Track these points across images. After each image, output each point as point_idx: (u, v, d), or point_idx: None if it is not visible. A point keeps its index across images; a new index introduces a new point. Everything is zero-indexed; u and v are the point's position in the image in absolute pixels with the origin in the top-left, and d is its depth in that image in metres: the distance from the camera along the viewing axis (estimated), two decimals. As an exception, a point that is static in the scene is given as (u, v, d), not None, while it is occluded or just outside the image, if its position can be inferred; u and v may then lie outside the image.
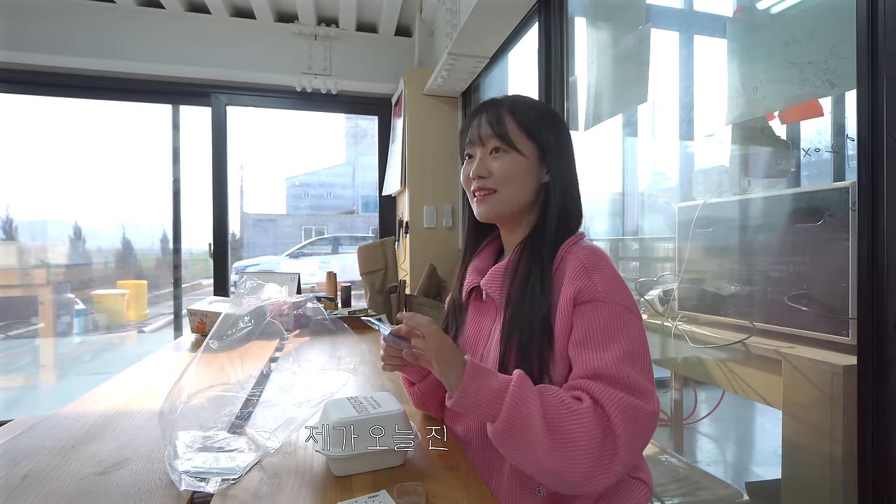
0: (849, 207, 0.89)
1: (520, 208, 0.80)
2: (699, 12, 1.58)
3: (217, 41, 2.61)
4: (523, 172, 0.77)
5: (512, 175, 0.77)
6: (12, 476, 0.69)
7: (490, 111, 0.79)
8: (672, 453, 1.37)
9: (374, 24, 2.80)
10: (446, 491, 0.64)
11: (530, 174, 0.78)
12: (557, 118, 0.82)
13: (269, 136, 25.08)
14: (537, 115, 0.79)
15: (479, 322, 0.84)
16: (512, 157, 0.77)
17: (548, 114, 0.81)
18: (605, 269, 0.69)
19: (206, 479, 0.65)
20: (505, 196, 0.78)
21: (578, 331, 0.67)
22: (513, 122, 0.78)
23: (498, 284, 0.77)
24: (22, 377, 4.04)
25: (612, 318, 0.66)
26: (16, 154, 5.85)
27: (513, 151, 0.77)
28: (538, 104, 0.82)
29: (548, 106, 0.84)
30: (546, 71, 1.70)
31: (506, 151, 0.77)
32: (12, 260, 4.52)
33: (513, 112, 0.78)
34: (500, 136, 0.77)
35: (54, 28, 2.40)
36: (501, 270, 0.78)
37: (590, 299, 0.67)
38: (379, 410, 0.73)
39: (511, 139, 0.77)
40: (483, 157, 0.79)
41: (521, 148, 0.77)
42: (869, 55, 0.76)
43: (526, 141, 0.78)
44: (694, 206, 1.29)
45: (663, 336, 1.38)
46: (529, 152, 0.78)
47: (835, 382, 0.88)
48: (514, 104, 0.79)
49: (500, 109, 0.79)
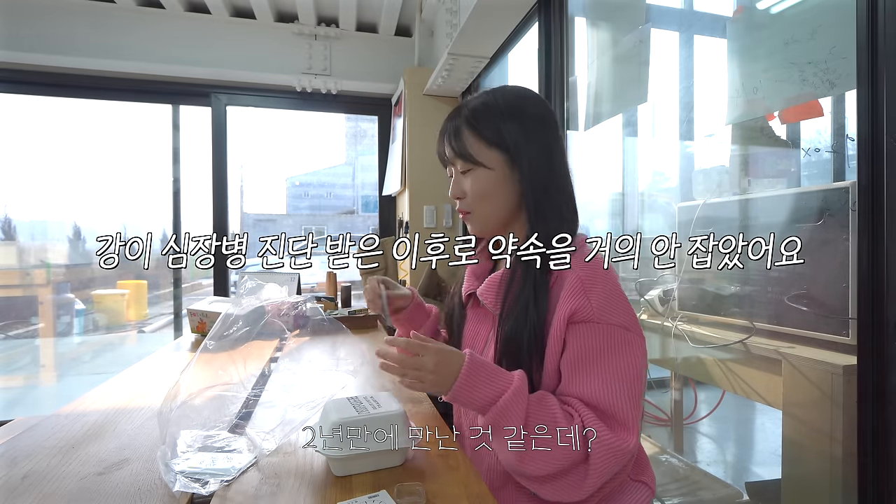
0: (849, 207, 0.89)
1: (504, 221, 0.77)
2: (699, 12, 1.58)
3: (217, 41, 2.61)
4: (494, 186, 0.73)
5: (484, 193, 0.74)
6: (12, 476, 0.69)
7: (451, 125, 0.76)
8: (672, 453, 1.37)
9: (374, 24, 2.80)
10: (446, 491, 0.64)
11: (503, 185, 0.73)
12: (522, 102, 0.75)
13: (269, 136, 25.10)
14: (496, 113, 0.73)
15: (477, 327, 0.83)
16: (478, 173, 0.73)
17: (511, 105, 0.74)
18: (604, 287, 0.67)
19: (200, 479, 0.65)
20: (483, 215, 0.76)
21: (571, 351, 0.67)
22: (471, 135, 0.73)
23: (493, 295, 0.75)
24: (22, 377, 4.04)
25: (605, 341, 0.65)
26: (16, 154, 5.85)
27: (478, 167, 0.73)
28: (500, 97, 0.75)
29: (514, 92, 0.77)
30: (546, 71, 1.70)
31: (471, 168, 0.74)
32: (12, 260, 4.52)
33: (470, 122, 0.74)
34: (461, 155, 0.73)
35: (54, 28, 2.39)
36: (497, 280, 0.76)
37: (585, 319, 0.65)
38: (379, 410, 0.73)
39: (472, 156, 0.73)
40: (456, 177, 0.77)
41: (485, 161, 0.73)
42: (869, 55, 0.76)
43: (488, 151, 0.73)
44: (694, 206, 1.29)
45: (663, 336, 1.38)
46: (495, 162, 0.73)
47: (835, 382, 0.88)
48: (472, 112, 0.74)
49: (458, 122, 0.75)
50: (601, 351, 0.65)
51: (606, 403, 0.63)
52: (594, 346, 0.65)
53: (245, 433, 0.78)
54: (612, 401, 0.63)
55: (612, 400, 0.63)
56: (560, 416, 0.63)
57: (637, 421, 0.65)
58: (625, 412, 0.63)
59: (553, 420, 0.63)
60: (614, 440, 0.62)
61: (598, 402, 0.63)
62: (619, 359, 0.65)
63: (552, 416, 0.63)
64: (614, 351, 0.65)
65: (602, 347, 0.65)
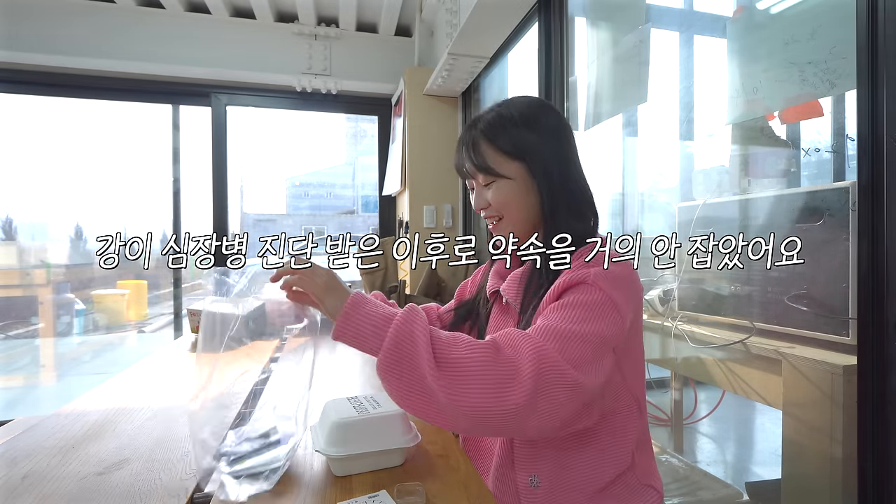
0: (849, 207, 0.89)
1: (531, 224, 0.78)
2: (699, 12, 1.58)
3: (217, 41, 2.61)
4: (517, 195, 0.75)
5: (508, 202, 0.76)
6: (12, 476, 0.70)
7: (468, 139, 0.77)
8: (672, 453, 1.37)
9: (374, 24, 2.80)
10: (446, 491, 0.64)
11: (525, 193, 0.75)
12: (535, 112, 0.77)
13: (269, 136, 25.07)
14: (511, 125, 0.75)
15: (499, 324, 0.83)
16: (501, 184, 0.75)
17: (524, 115, 0.76)
18: (613, 270, 0.66)
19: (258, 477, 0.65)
20: (511, 221, 0.77)
21: (549, 301, 0.66)
22: (489, 148, 0.75)
23: (514, 290, 0.77)
24: (22, 377, 4.04)
25: (592, 300, 0.62)
26: (16, 154, 5.84)
27: (500, 179, 0.75)
28: (513, 108, 0.77)
29: (526, 102, 0.79)
30: (546, 71, 1.70)
31: (493, 181, 0.76)
32: (12, 260, 4.52)
33: (487, 136, 0.75)
34: (482, 168, 0.75)
35: (54, 28, 2.39)
36: (518, 276, 0.77)
37: (578, 282, 0.64)
38: (379, 410, 0.73)
39: (492, 168, 0.75)
40: (478, 189, 0.79)
41: (505, 173, 0.75)
42: (869, 55, 0.76)
43: (507, 162, 0.75)
44: (694, 206, 1.29)
45: (663, 336, 1.38)
46: (515, 172, 0.75)
47: (835, 382, 0.88)
48: (487, 125, 0.76)
49: (476, 136, 0.76)
50: (584, 304, 0.62)
51: (565, 341, 0.58)
52: (579, 300, 0.62)
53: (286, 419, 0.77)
54: (575, 344, 0.58)
55: (576, 344, 0.58)
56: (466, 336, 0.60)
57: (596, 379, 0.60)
58: (583, 355, 0.58)
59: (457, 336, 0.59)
60: (560, 361, 0.56)
61: (556, 334, 0.59)
62: (600, 321, 0.61)
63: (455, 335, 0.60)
64: (598, 312, 0.61)
65: (586, 302, 0.62)
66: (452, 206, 2.60)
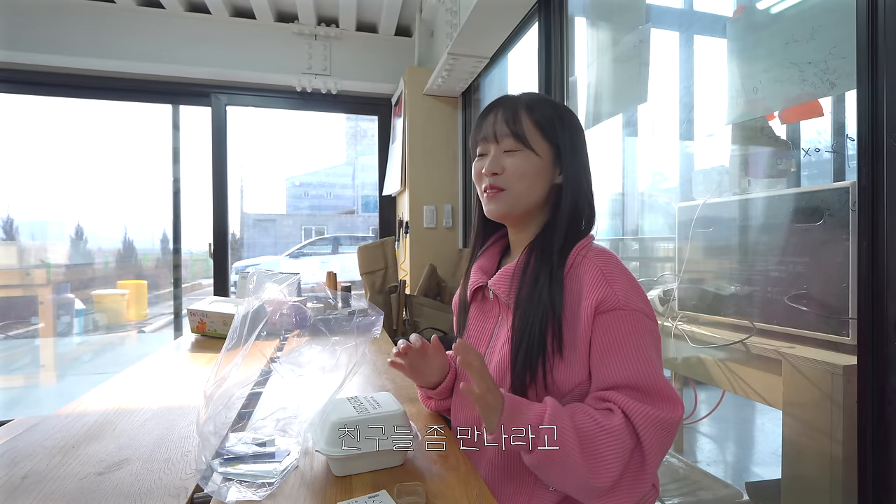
0: (849, 207, 0.89)
1: (530, 208, 0.79)
2: (699, 12, 1.58)
3: (217, 41, 2.61)
4: (536, 172, 0.76)
5: (524, 174, 0.76)
6: (12, 476, 0.69)
7: (506, 107, 0.77)
8: (672, 453, 1.37)
9: (374, 24, 2.80)
10: (446, 491, 0.64)
11: (543, 174, 0.77)
12: (573, 118, 0.81)
13: (269, 136, 25.05)
14: (554, 113, 0.78)
15: (481, 323, 0.83)
16: (526, 155, 0.76)
17: (565, 113, 0.79)
18: (623, 275, 0.70)
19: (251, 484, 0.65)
20: (516, 194, 0.77)
21: (601, 340, 0.68)
22: (529, 120, 0.76)
23: (506, 285, 0.76)
24: (22, 377, 4.04)
25: (635, 327, 0.67)
26: (16, 154, 5.85)
27: (527, 150, 0.76)
28: (555, 103, 0.81)
29: (564, 105, 0.84)
30: (546, 71, 1.70)
31: (520, 149, 0.76)
32: (12, 260, 4.51)
33: (530, 109, 0.77)
34: (516, 133, 0.76)
35: (54, 28, 2.40)
36: (510, 271, 0.77)
37: (612, 308, 0.67)
38: (379, 410, 0.73)
39: (526, 138, 0.76)
40: (497, 154, 0.78)
41: (535, 147, 0.76)
42: (869, 55, 0.76)
43: (541, 140, 0.76)
44: (694, 206, 1.29)
45: (663, 336, 1.38)
46: (544, 152, 0.76)
47: (835, 382, 0.88)
48: (531, 101, 0.78)
49: (517, 106, 0.77)
50: (630, 334, 0.67)
51: (645, 381, 0.64)
52: (624, 331, 0.67)
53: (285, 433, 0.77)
54: (650, 377, 0.64)
55: (650, 377, 0.64)
56: (599, 415, 0.64)
57: (675, 391, 0.66)
58: (663, 384, 0.65)
59: (595, 422, 0.63)
60: (659, 413, 0.63)
61: (638, 382, 0.64)
62: (646, 340, 0.67)
63: (593, 419, 0.63)
64: (641, 333, 0.67)
65: (631, 331, 0.67)
66: (452, 206, 2.60)
